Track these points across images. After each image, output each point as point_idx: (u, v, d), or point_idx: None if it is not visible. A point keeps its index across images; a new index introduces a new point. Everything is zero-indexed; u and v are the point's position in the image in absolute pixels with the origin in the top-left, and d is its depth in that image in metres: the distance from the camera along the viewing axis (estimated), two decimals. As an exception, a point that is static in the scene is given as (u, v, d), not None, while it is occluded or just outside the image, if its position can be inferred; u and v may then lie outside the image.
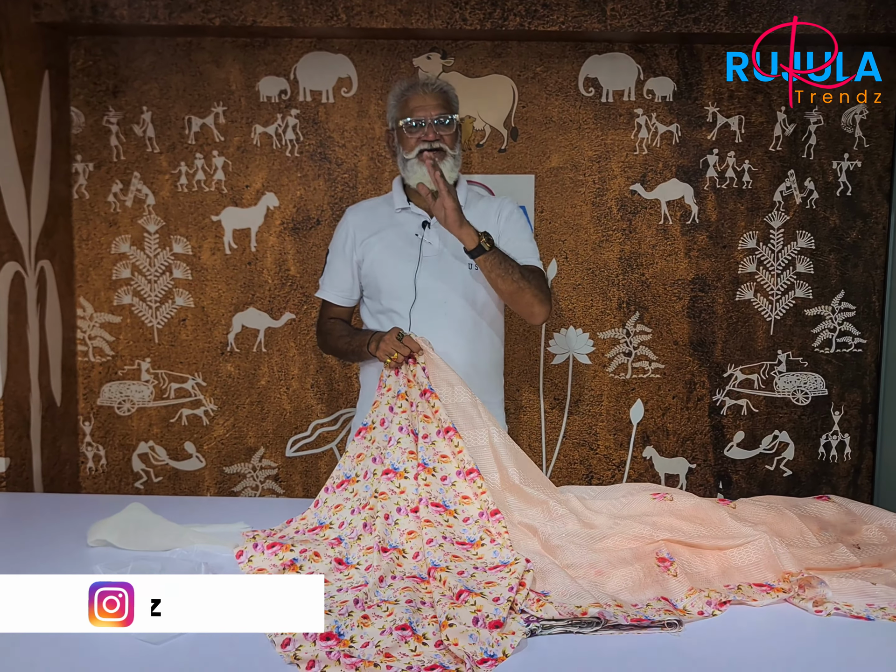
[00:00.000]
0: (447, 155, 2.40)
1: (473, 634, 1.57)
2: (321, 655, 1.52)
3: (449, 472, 2.08)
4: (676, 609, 1.71)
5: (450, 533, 1.97)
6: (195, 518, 2.17)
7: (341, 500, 2.13)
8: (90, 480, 3.42)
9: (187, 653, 1.54)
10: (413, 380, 2.18)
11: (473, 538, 1.96)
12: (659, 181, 3.34)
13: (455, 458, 2.08)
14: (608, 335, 3.40)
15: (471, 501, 2.04)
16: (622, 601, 1.71)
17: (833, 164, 3.35)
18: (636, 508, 2.07)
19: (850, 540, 2.02)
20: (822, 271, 3.40)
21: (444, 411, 2.12)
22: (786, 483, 3.46)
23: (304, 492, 3.42)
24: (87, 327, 3.36)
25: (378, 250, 2.49)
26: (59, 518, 2.25)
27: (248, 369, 3.38)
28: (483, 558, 1.90)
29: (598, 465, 3.45)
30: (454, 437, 2.10)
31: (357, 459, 2.18)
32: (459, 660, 1.52)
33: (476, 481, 2.06)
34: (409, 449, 2.10)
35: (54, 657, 1.52)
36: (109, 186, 3.31)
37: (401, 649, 1.58)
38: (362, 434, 2.21)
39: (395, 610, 1.68)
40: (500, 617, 1.64)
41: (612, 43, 3.27)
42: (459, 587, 1.74)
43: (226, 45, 3.25)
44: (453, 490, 2.06)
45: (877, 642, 1.62)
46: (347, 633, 1.62)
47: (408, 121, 2.40)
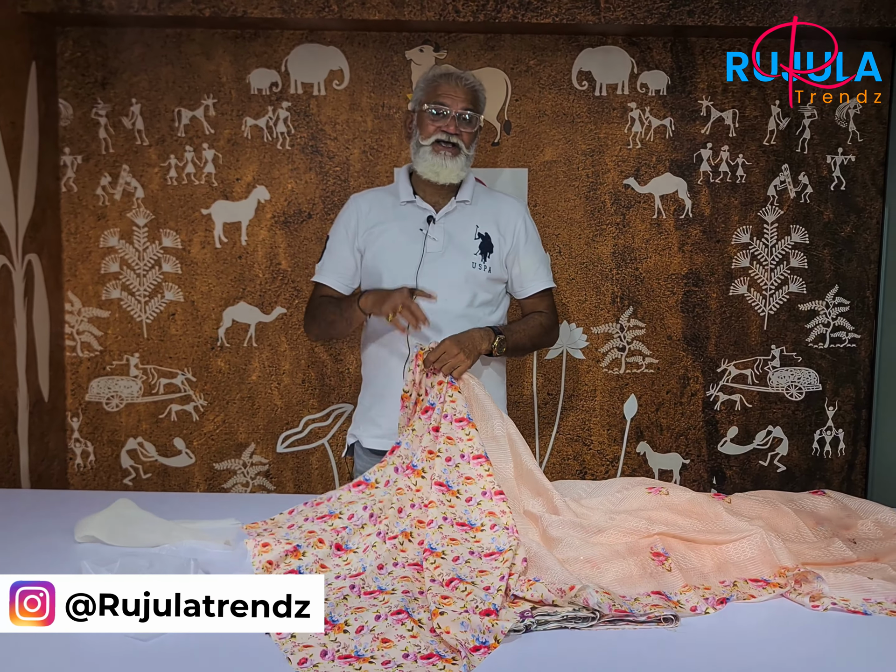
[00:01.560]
0: (461, 153, 2.38)
1: (465, 622, 1.56)
2: (315, 656, 1.50)
3: (463, 463, 2.07)
4: (670, 601, 1.69)
5: (451, 513, 1.95)
6: (185, 514, 2.15)
7: (355, 497, 2.10)
8: (78, 477, 3.39)
9: (176, 650, 1.52)
10: (444, 398, 2.15)
11: (475, 522, 1.94)
12: (652, 175, 3.32)
13: (482, 480, 2.05)
14: (602, 330, 3.38)
15: (474, 482, 2.02)
16: (611, 591, 1.69)
17: (827, 159, 3.34)
18: (631, 503, 2.06)
19: (845, 535, 2.01)
20: (816, 266, 3.38)
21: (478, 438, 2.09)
22: (780, 479, 3.45)
23: (295, 488, 3.40)
24: (76, 322, 3.33)
25: (381, 243, 2.46)
26: (47, 514, 2.22)
27: (238, 364, 3.36)
28: (480, 542, 1.88)
29: (591, 460, 3.43)
30: (484, 462, 2.06)
31: (379, 466, 2.16)
32: (454, 649, 1.51)
33: (483, 465, 2.03)
34: (430, 448, 2.09)
35: (45, 657, 1.50)
36: (98, 179, 3.28)
37: (397, 631, 1.57)
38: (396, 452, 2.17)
39: (390, 599, 1.67)
40: (490, 604, 1.63)
41: (606, 36, 3.25)
42: (451, 575, 1.73)
43: (216, 36, 3.22)
44: (457, 471, 2.04)
45: (874, 637, 1.61)
46: (341, 619, 1.60)
47: (433, 106, 2.37)
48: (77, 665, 1.49)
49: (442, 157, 2.36)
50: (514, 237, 2.50)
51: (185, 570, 1.72)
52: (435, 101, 2.38)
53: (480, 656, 1.50)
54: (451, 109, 2.36)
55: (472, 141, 2.41)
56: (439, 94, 2.38)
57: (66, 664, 1.49)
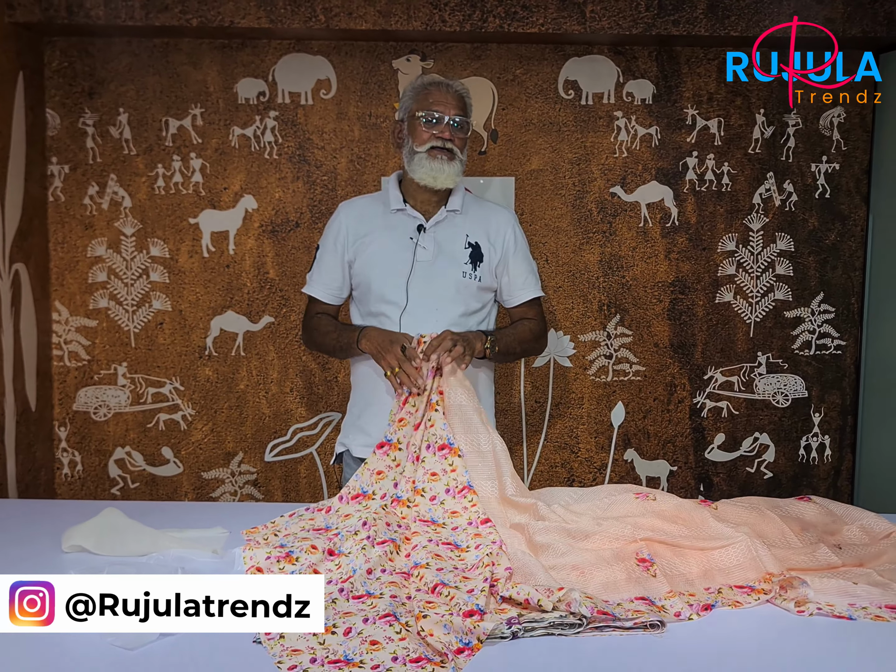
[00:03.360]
0: (455, 158, 2.39)
1: (447, 624, 1.57)
2: (304, 662, 1.50)
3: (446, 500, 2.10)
4: (654, 605, 1.70)
5: (437, 537, 1.96)
6: (173, 523, 2.14)
7: (352, 510, 2.10)
8: (66, 487, 3.38)
9: (175, 651, 1.52)
10: (437, 404, 2.17)
11: (461, 544, 1.95)
12: (639, 184, 3.34)
13: (467, 512, 2.06)
14: (589, 338, 3.39)
15: (459, 515, 2.03)
16: (594, 595, 1.70)
17: (812, 167, 3.36)
18: (618, 509, 2.06)
19: (831, 540, 2.02)
20: (802, 273, 3.41)
21: (461, 466, 2.11)
22: (766, 485, 3.47)
23: (283, 496, 3.40)
24: (63, 331, 3.32)
25: (371, 252, 2.45)
26: (34, 523, 2.20)
27: (226, 373, 3.35)
28: (465, 560, 1.89)
29: (579, 467, 3.44)
30: (468, 493, 2.08)
31: (377, 476, 2.17)
32: (440, 653, 1.51)
33: (468, 496, 2.05)
34: (414, 481, 2.12)
35: (45, 657, 1.50)
36: (85, 189, 3.28)
37: (385, 633, 1.57)
38: (385, 450, 2.19)
39: (378, 603, 1.68)
40: (473, 604, 1.63)
41: (592, 45, 3.27)
42: (436, 581, 1.74)
43: (203, 46, 3.23)
44: (442, 507, 2.06)
45: (859, 642, 1.62)
46: (329, 622, 1.61)
47: (426, 114, 2.38)
48: (77, 665, 1.49)
49: (439, 161, 2.36)
50: (503, 247, 2.51)
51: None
52: (427, 108, 2.39)
53: (465, 658, 1.51)
54: (445, 116, 2.38)
55: (463, 146, 2.43)
56: (431, 101, 2.39)
57: (66, 664, 1.48)
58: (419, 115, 2.39)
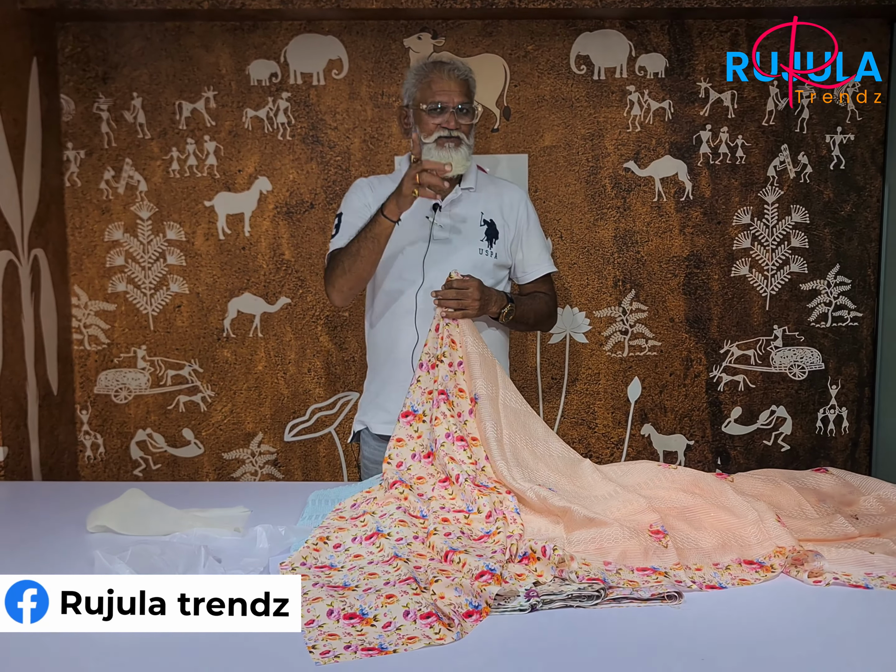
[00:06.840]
0: (462, 144, 2.40)
1: (458, 588, 1.60)
2: (321, 616, 1.54)
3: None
4: (657, 572, 1.72)
5: (450, 504, 2.00)
6: (194, 503, 2.17)
7: (392, 499, 2.09)
8: (89, 469, 3.42)
9: (174, 649, 1.50)
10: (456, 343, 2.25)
11: (471, 508, 1.98)
12: (652, 158, 3.33)
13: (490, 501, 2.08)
14: (604, 314, 3.40)
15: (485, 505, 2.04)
16: (591, 562, 1.73)
17: (826, 138, 3.34)
18: (636, 477, 2.08)
19: (847, 511, 2.03)
20: (817, 245, 3.39)
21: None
22: (784, 458, 3.47)
23: (303, 476, 3.43)
24: (82, 315, 3.35)
25: None
26: (58, 505, 2.24)
27: (244, 355, 3.38)
28: (471, 525, 1.92)
29: (596, 443, 3.46)
30: (486, 490, 2.09)
31: (396, 443, 2.23)
32: (448, 616, 1.54)
33: (485, 493, 2.04)
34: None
35: (44, 657, 1.51)
36: (101, 173, 3.30)
37: (402, 589, 1.62)
38: (409, 419, 2.24)
39: (402, 567, 1.72)
40: (483, 565, 1.66)
41: (604, 20, 3.25)
42: (446, 548, 1.77)
43: (215, 29, 3.23)
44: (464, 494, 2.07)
45: (875, 610, 1.63)
46: (352, 583, 1.67)
47: (430, 105, 2.40)
48: (76, 665, 1.47)
49: (447, 150, 2.37)
50: (517, 223, 2.54)
51: (195, 557, 1.74)
52: (431, 98, 2.40)
53: (473, 623, 1.54)
54: (449, 105, 2.39)
55: (471, 130, 2.44)
56: (434, 90, 2.41)
57: (66, 664, 1.47)
58: (423, 108, 2.41)
